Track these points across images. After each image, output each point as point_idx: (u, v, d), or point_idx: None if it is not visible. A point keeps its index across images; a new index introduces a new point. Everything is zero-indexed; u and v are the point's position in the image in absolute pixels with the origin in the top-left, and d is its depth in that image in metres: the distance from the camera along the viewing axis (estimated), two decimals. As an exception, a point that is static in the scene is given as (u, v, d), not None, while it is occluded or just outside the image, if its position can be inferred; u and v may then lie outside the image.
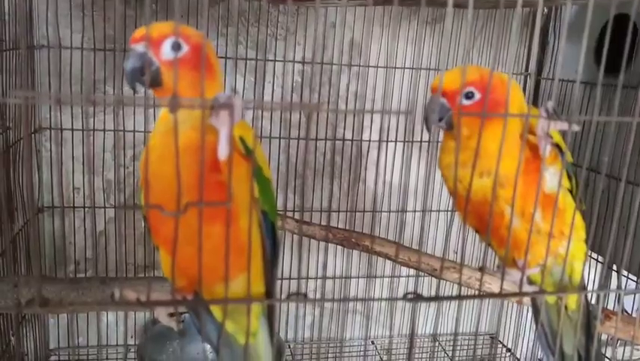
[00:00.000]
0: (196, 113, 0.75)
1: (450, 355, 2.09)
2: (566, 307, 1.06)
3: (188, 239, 0.72)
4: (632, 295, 1.74)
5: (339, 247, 1.83)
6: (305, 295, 0.77)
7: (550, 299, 1.06)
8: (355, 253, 1.88)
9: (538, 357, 1.88)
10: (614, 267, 1.44)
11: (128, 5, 1.78)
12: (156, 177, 0.71)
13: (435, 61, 1.99)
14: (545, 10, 1.97)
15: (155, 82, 0.82)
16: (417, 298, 0.79)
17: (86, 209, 1.89)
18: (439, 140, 1.10)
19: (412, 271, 1.88)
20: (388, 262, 1.96)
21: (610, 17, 0.87)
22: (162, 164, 0.72)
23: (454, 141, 0.98)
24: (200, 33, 0.87)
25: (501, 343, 2.20)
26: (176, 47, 0.81)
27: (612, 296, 1.73)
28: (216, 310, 0.91)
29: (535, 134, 0.90)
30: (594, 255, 1.58)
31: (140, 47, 0.81)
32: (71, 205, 1.88)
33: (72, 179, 1.87)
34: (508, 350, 2.15)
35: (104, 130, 1.81)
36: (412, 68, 1.98)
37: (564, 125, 0.84)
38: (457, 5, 1.44)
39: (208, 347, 1.82)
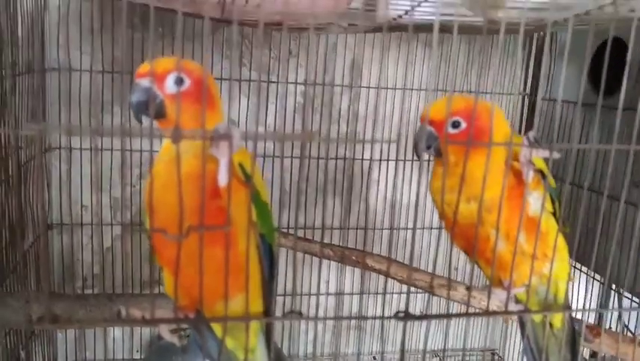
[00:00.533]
0: (197, 143, 0.81)
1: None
2: (551, 325, 1.10)
3: (190, 261, 0.77)
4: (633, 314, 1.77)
5: (333, 264, 1.88)
6: (300, 313, 0.81)
7: (537, 317, 1.10)
8: (349, 268, 1.92)
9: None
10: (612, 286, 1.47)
11: (135, 29, 1.84)
12: (160, 203, 0.76)
13: (433, 82, 2.04)
14: (541, 33, 2.02)
15: (160, 114, 0.87)
16: (407, 316, 0.83)
17: (94, 226, 1.94)
18: (431, 159, 1.15)
19: (405, 288, 1.91)
20: (381, 278, 2.00)
21: (609, 41, 0.92)
22: (166, 191, 0.77)
23: (443, 167, 1.03)
24: (202, 67, 0.93)
25: (499, 356, 2.23)
26: (179, 81, 0.86)
27: (615, 315, 1.77)
28: (217, 328, 0.95)
29: (520, 161, 0.94)
30: (592, 273, 1.62)
31: (145, 82, 0.87)
32: (79, 223, 1.93)
33: (80, 197, 1.92)
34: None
35: (112, 150, 1.87)
36: (405, 89, 2.03)
37: (545, 153, 0.89)
38: (447, 31, 1.49)
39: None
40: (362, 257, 1.58)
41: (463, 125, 0.97)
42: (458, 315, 0.85)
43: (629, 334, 1.67)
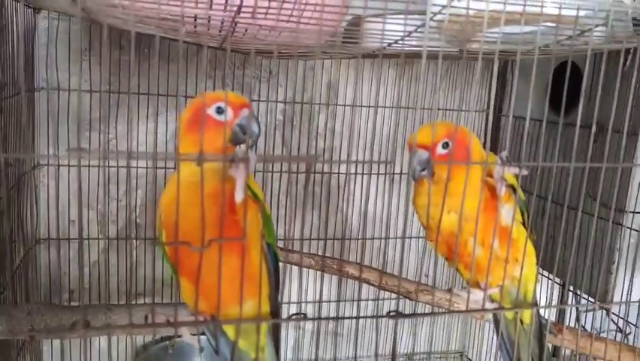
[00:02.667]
0: (214, 167, 0.91)
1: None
2: (521, 321, 1.23)
3: (209, 269, 0.87)
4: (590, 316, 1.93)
5: (311, 272, 1.99)
6: (305, 314, 0.92)
7: (509, 315, 1.23)
8: (326, 277, 2.03)
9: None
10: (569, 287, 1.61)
11: (123, 51, 1.91)
12: (183, 219, 0.85)
13: (404, 100, 2.18)
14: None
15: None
16: (397, 315, 0.95)
17: (79, 241, 1.99)
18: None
19: (387, 294, 2.03)
20: (355, 286, 2.12)
21: (567, 68, 1.06)
22: (189, 208, 0.86)
23: (426, 186, 1.16)
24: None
25: (468, 358, 2.37)
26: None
27: (574, 317, 1.93)
28: (229, 330, 1.05)
29: (493, 177, 1.07)
30: (551, 276, 1.77)
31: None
32: (66, 237, 1.98)
33: (67, 212, 1.98)
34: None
35: (98, 166, 1.94)
36: (377, 107, 2.16)
37: (515, 170, 1.03)
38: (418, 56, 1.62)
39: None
40: (339, 265, 1.69)
41: (451, 145, 1.10)
42: (442, 313, 0.96)
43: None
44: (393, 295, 1.52)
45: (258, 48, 1.35)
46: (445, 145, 1.12)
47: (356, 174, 2.17)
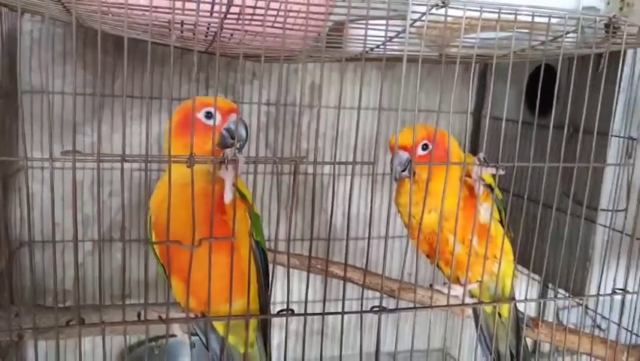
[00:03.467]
0: (203, 169, 0.94)
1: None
2: (500, 315, 1.28)
3: (199, 268, 0.89)
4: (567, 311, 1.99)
5: (296, 273, 2.02)
6: (292, 310, 0.95)
7: (488, 309, 1.28)
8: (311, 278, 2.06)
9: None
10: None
11: (107, 54, 1.93)
12: (174, 219, 0.88)
13: (386, 102, 2.22)
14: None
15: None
16: (381, 310, 0.98)
17: (65, 243, 2.00)
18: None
19: (371, 294, 2.07)
20: (340, 286, 2.15)
21: (541, 71, 1.11)
22: (179, 209, 0.89)
23: (407, 185, 1.20)
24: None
25: (449, 355, 2.42)
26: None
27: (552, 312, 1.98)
28: (219, 327, 1.07)
29: (472, 177, 1.12)
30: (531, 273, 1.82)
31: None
32: (51, 240, 1.98)
33: (52, 214, 1.98)
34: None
35: (84, 168, 1.95)
36: (360, 109, 2.20)
37: (493, 171, 1.07)
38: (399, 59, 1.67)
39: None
40: (323, 265, 1.73)
41: (431, 147, 1.14)
42: (425, 307, 1.01)
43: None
44: (377, 295, 1.55)
45: (245, 52, 1.37)
46: (425, 147, 1.17)
47: (339, 175, 2.20)
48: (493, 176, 1.14)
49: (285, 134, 2.16)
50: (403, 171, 1.17)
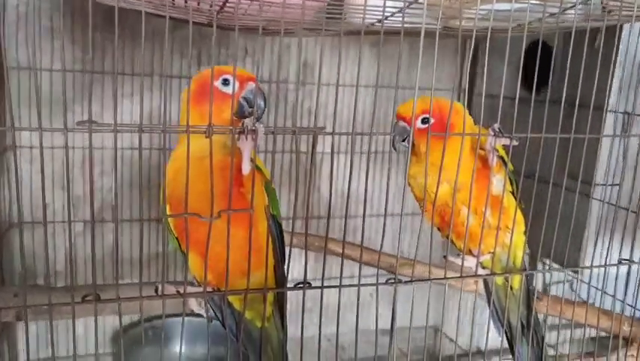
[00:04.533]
0: (220, 140, 0.92)
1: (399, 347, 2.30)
2: (511, 287, 1.29)
3: (217, 241, 0.88)
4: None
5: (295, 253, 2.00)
6: (309, 283, 0.94)
7: (499, 280, 1.29)
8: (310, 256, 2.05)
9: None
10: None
11: (96, 28, 1.87)
12: (191, 192, 0.85)
13: (380, 79, 2.21)
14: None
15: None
16: (397, 282, 0.98)
17: (56, 224, 1.96)
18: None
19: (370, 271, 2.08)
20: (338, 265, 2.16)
21: (539, 46, 1.10)
22: (195, 181, 0.87)
23: (417, 157, 1.20)
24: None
25: (441, 331, 2.44)
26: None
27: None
28: (235, 301, 1.06)
29: (485, 149, 1.12)
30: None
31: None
32: (41, 221, 1.94)
33: (42, 195, 1.93)
34: (451, 340, 2.39)
35: (74, 148, 1.90)
36: (358, 86, 2.19)
37: (507, 141, 1.07)
38: (392, 32, 1.65)
39: (179, 350, 1.95)
40: (321, 242, 1.72)
41: (432, 120, 1.13)
42: (440, 278, 1.01)
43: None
44: (381, 272, 1.55)
45: (243, 24, 1.34)
46: (425, 120, 1.16)
47: (339, 153, 2.19)
48: (505, 147, 1.14)
49: (279, 111, 2.13)
50: (403, 141, 1.17)
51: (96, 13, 1.84)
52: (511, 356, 1.36)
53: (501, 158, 1.15)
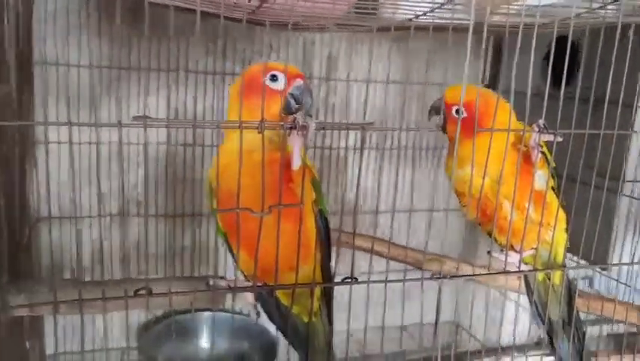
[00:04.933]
0: (270, 136, 0.93)
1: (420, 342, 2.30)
2: (552, 283, 1.29)
3: (265, 236, 0.88)
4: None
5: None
6: (356, 278, 0.95)
7: (540, 276, 1.29)
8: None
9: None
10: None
11: (123, 24, 1.88)
12: (242, 186, 0.86)
13: (400, 75, 2.21)
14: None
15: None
16: (442, 277, 0.98)
17: (82, 219, 1.97)
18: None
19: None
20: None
21: (568, 42, 1.10)
22: (245, 175, 0.87)
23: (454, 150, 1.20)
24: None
25: (462, 327, 2.45)
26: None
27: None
28: (282, 296, 1.07)
29: (528, 145, 1.12)
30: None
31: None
32: (69, 216, 1.95)
33: (72, 190, 1.94)
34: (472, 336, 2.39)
35: (110, 142, 1.91)
36: (386, 82, 2.19)
37: (551, 137, 1.07)
38: (420, 28, 1.65)
39: (203, 344, 1.97)
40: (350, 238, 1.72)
41: (464, 114, 1.14)
42: (483, 274, 1.01)
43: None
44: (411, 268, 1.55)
45: (275, 20, 1.35)
46: (458, 112, 1.17)
47: (356, 149, 2.19)
48: (547, 143, 1.14)
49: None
50: (437, 114, 1.22)
51: (123, 9, 1.87)
52: (542, 352, 1.37)
53: (543, 154, 1.15)
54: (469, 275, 1.01)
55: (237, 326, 1.94)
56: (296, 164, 0.92)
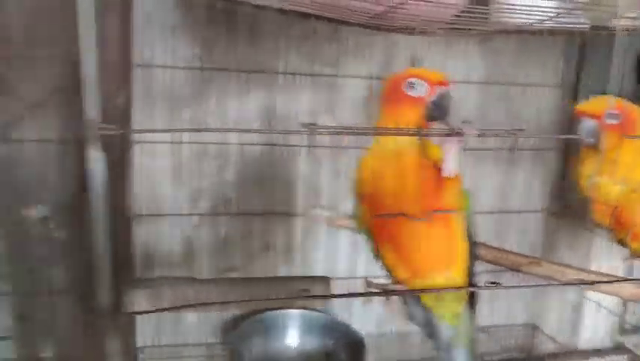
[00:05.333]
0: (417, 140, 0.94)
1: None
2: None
3: (415, 238, 0.90)
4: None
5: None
6: (499, 283, 0.95)
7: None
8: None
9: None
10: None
11: (217, 24, 1.91)
12: (389, 190, 0.88)
13: (487, 77, 2.20)
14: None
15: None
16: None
17: (173, 217, 2.02)
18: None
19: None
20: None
21: None
22: (393, 180, 0.89)
23: (591, 156, 1.20)
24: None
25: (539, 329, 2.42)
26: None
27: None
28: (425, 297, 1.08)
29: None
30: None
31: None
32: (158, 214, 2.01)
33: (160, 189, 2.00)
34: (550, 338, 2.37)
35: (190, 143, 1.96)
36: (465, 82, 2.18)
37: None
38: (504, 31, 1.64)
39: (290, 344, 2.00)
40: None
41: (620, 118, 1.13)
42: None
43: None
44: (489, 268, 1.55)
45: (392, 25, 1.36)
46: (613, 116, 1.16)
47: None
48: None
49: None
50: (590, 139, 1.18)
51: (216, 10, 1.90)
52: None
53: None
54: (612, 281, 1.00)
55: (324, 324, 1.96)
56: (451, 170, 0.93)
